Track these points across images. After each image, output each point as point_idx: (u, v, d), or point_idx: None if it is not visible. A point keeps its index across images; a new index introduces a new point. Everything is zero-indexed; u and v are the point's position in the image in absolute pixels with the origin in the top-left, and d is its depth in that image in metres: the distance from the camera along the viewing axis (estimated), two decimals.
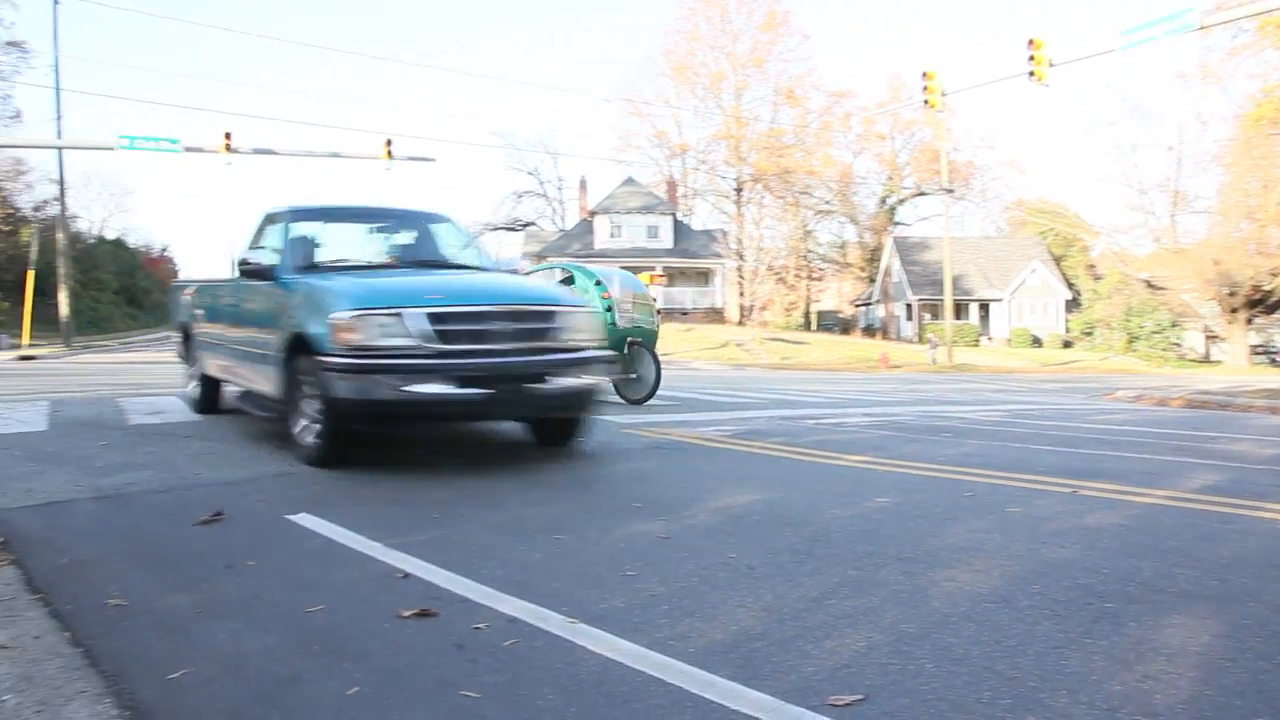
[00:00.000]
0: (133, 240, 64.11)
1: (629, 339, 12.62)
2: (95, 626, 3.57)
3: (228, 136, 30.03)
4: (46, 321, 33.84)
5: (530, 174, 79.53)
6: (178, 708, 2.88)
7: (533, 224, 75.68)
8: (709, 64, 70.35)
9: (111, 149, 30.53)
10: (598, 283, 12.77)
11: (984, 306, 66.04)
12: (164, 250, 70.05)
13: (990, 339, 63.92)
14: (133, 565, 4.41)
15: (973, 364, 42.33)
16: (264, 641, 3.40)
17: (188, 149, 30.29)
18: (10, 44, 38.45)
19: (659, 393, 14.19)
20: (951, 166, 57.37)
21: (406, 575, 4.15)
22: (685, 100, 70.91)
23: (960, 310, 61.59)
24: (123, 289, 53.35)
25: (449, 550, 4.54)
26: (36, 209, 47.18)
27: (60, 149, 35.58)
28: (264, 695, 2.95)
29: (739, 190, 71.00)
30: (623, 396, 12.80)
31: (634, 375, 12.69)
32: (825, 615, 3.68)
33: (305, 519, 5.21)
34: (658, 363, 12.73)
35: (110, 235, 61.67)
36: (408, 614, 3.61)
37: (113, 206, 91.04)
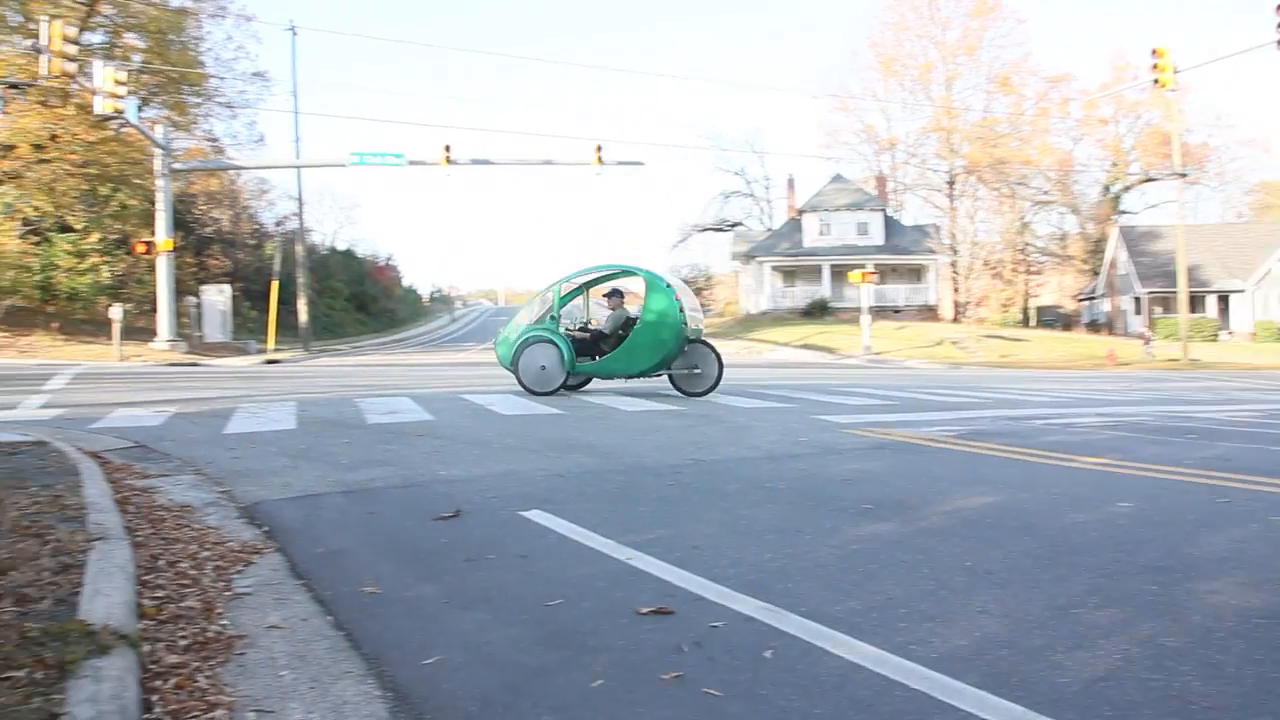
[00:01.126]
0: (360, 250, 68.02)
1: (689, 338, 13.54)
2: (353, 612, 3.79)
3: (447, 149, 31.41)
4: (288, 327, 36.38)
5: (736, 174, 79.43)
6: (433, 691, 3.02)
7: (740, 224, 75.57)
8: (917, 54, 68.41)
9: (343, 166, 32.52)
10: (667, 285, 13.61)
11: (1223, 298, 61.38)
12: (389, 259, 73.95)
13: (1230, 333, 59.35)
14: (382, 556, 4.66)
15: (1211, 360, 39.44)
16: (508, 632, 3.52)
17: (411, 163, 31.91)
18: (255, 74, 41.62)
19: (874, 391, 13.98)
20: (1183, 149, 53.62)
21: (640, 572, 4.22)
22: (893, 93, 69.22)
23: (1196, 303, 57.36)
24: (353, 296, 56.67)
25: (680, 549, 4.59)
26: (278, 224, 50.87)
27: (299, 168, 38.19)
28: (513, 684, 3.05)
29: (951, 183, 68.73)
30: (682, 390, 13.62)
31: (696, 370, 13.61)
32: (1074, 625, 3.50)
33: (537, 515, 5.37)
34: (720, 358, 13.77)
35: (341, 246, 65.63)
36: (645, 611, 3.67)
37: (342, 219, 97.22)
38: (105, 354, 25.72)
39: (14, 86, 30.19)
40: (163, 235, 28.76)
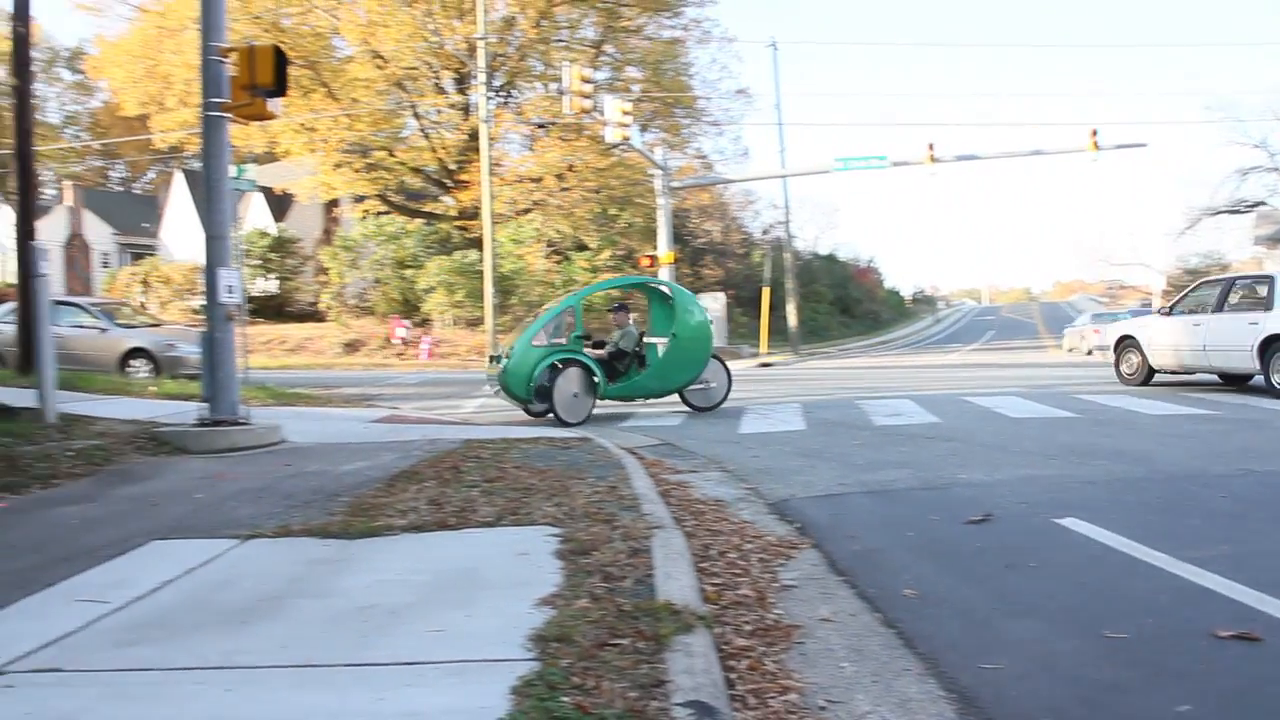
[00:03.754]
0: (842, 254, 69.02)
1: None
2: (900, 611, 3.83)
3: (930, 147, 30.83)
4: (776, 332, 37.76)
5: (1256, 147, 69.89)
6: (999, 697, 2.97)
7: (1263, 204, 66.63)
8: None
9: (827, 172, 33.11)
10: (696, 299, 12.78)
11: None
12: (869, 262, 74.30)
13: None
14: (916, 557, 4.67)
15: None
16: (1068, 644, 3.37)
17: (894, 164, 31.74)
18: (738, 92, 44.10)
19: None
20: None
21: (1207, 591, 3.86)
22: None
23: None
24: (836, 300, 57.64)
25: (1250, 568, 4.12)
26: (764, 232, 53.07)
27: (784, 177, 39.51)
28: (1085, 699, 2.92)
29: None
30: (694, 406, 12.23)
31: (712, 385, 12.36)
32: None
33: (1073, 523, 5.10)
34: (729, 372, 12.76)
35: (823, 251, 66.93)
36: (1225, 634, 3.34)
37: (823, 224, 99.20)
38: None
39: (541, 126, 34.32)
40: (664, 248, 31.06)
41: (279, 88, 8.73)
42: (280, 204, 40.66)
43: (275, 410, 11.00)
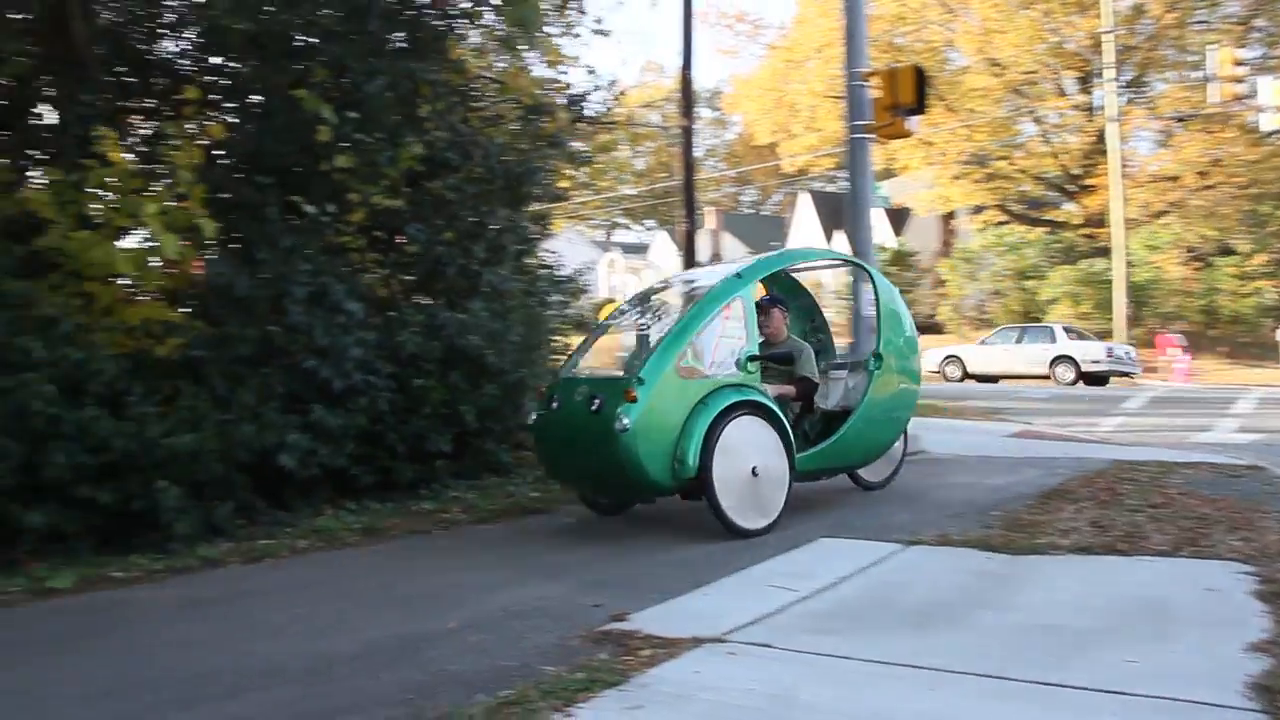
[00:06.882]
0: None
1: None
2: None
3: None
4: None
5: None
6: None
7: None
8: None
9: None
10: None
11: None
12: None
13: None
14: None
15: None
16: None
17: None
18: None
19: None
20: None
21: None
22: None
23: None
24: None
25: None
26: None
27: None
28: None
29: None
30: (862, 482, 7.03)
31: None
32: None
33: None
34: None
35: None
36: None
37: None
38: (1273, 377, 24.90)
39: (1178, 119, 31.33)
40: None
41: (919, 106, 8.95)
42: (898, 218, 41.72)
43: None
